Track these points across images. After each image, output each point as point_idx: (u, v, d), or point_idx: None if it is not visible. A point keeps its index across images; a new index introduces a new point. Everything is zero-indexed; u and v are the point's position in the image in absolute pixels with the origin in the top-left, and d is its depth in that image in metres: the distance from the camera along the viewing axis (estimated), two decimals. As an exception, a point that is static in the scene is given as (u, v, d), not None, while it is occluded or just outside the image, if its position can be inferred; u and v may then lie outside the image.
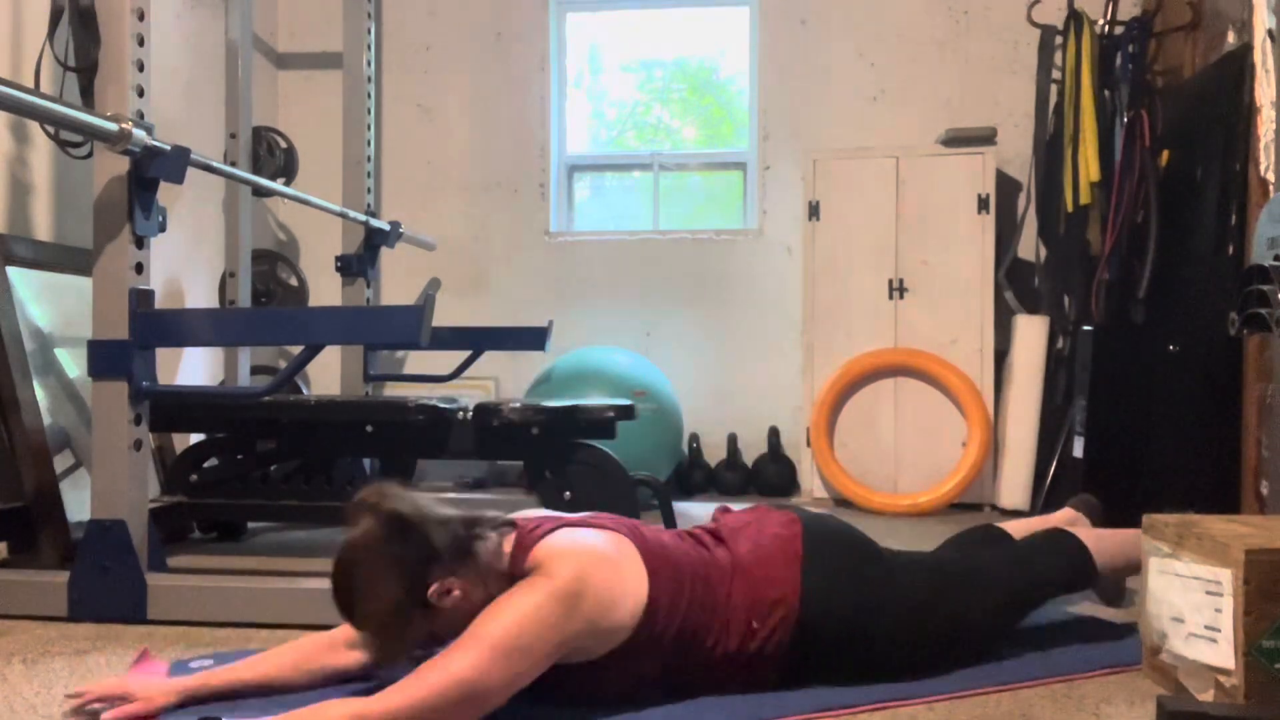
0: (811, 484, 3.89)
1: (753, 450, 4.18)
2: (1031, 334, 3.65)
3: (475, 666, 1.30)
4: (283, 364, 4.26)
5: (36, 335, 2.72)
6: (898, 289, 3.80)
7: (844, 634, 1.60)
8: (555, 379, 3.75)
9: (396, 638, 1.41)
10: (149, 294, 2.16)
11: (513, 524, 1.55)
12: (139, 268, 2.15)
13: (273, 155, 3.94)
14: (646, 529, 1.61)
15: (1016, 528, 2.07)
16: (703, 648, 1.54)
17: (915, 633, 1.65)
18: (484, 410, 2.70)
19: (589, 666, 1.47)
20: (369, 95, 3.91)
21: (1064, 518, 2.18)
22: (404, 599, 1.39)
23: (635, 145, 4.56)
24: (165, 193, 2.26)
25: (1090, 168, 3.36)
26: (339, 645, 1.60)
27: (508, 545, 1.50)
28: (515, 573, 1.45)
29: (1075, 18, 3.54)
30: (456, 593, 1.41)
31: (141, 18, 2.17)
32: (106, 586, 2.10)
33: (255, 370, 3.94)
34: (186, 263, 3.72)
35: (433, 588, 1.39)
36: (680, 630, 1.52)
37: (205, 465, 2.88)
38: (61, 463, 2.66)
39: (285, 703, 1.51)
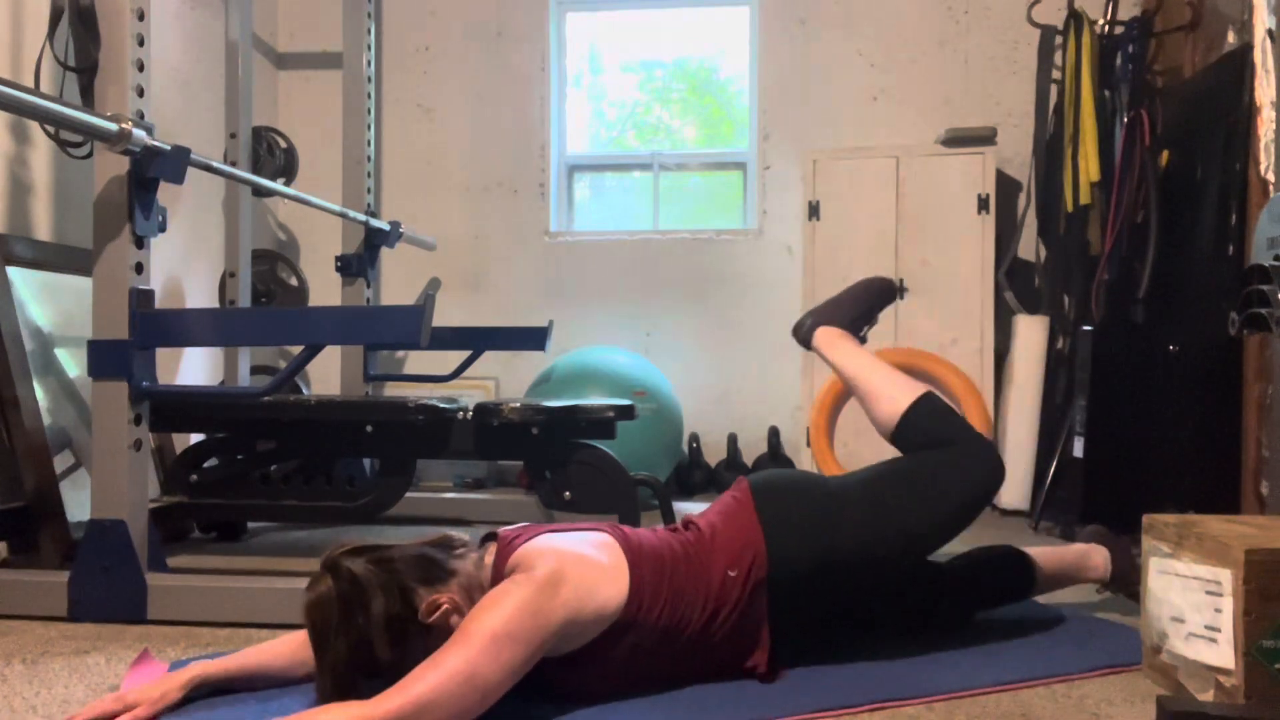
0: (811, 484, 3.88)
1: (753, 450, 4.18)
2: (1031, 334, 3.65)
3: (470, 660, 1.32)
4: (283, 364, 4.26)
5: (36, 335, 2.72)
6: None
7: (809, 557, 1.67)
8: (555, 379, 3.75)
9: (408, 662, 1.41)
10: (149, 294, 2.16)
11: (494, 536, 1.61)
12: (139, 268, 2.15)
13: (273, 155, 3.94)
14: (627, 528, 1.68)
15: (1042, 555, 2.07)
16: (694, 619, 1.60)
17: (870, 540, 1.71)
18: (484, 410, 2.70)
19: (583, 654, 1.50)
20: (369, 95, 3.91)
21: (1080, 550, 2.15)
22: (394, 635, 1.43)
23: (635, 145, 4.56)
24: (165, 193, 2.26)
25: (1090, 168, 3.36)
26: None
27: (489, 558, 1.57)
28: (497, 580, 1.51)
29: (1075, 18, 3.54)
30: (446, 605, 1.45)
31: (141, 18, 2.17)
32: (106, 586, 2.11)
33: (255, 370, 3.94)
34: (186, 263, 3.72)
35: (422, 609, 1.44)
36: (670, 608, 1.57)
37: (205, 465, 2.88)
38: (61, 463, 2.66)
39: (284, 706, 1.51)
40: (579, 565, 1.49)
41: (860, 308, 2.12)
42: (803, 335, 2.13)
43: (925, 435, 1.87)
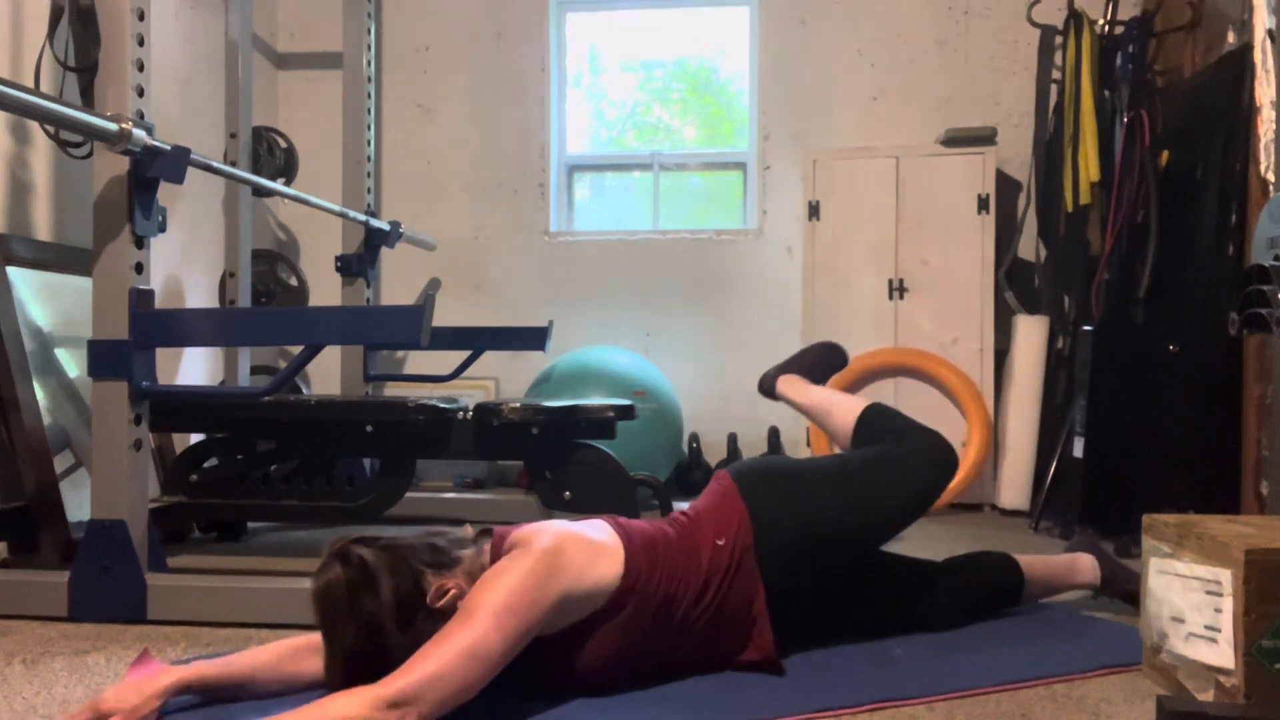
0: (811, 484, 3.88)
1: (753, 450, 4.18)
2: (1031, 334, 3.65)
3: (476, 633, 1.35)
4: (283, 364, 4.26)
5: (36, 335, 2.72)
6: (898, 289, 3.80)
7: (790, 522, 1.76)
8: (555, 379, 3.75)
9: (410, 647, 1.41)
10: (149, 294, 2.17)
11: (489, 532, 1.65)
12: (139, 268, 2.15)
13: (273, 155, 3.94)
14: (620, 518, 1.73)
15: (1030, 562, 2.12)
16: (688, 592, 1.65)
17: (844, 507, 1.81)
18: (484, 410, 2.70)
19: (581, 631, 1.54)
20: (369, 95, 3.91)
21: (1068, 557, 2.20)
22: (399, 621, 1.44)
23: (635, 145, 4.56)
24: (165, 193, 2.26)
25: (1090, 168, 3.36)
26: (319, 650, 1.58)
27: (487, 547, 1.60)
28: (496, 561, 1.55)
29: (1075, 18, 3.54)
30: (453, 590, 1.48)
31: (141, 18, 2.17)
32: (106, 586, 2.11)
33: (255, 370, 3.94)
34: (186, 263, 3.72)
35: (430, 593, 1.46)
36: (665, 581, 1.62)
37: (205, 465, 2.88)
38: (61, 463, 2.66)
39: (286, 702, 1.51)
40: (575, 540, 1.55)
41: (817, 368, 2.39)
42: (767, 386, 2.40)
43: (879, 432, 2.06)
